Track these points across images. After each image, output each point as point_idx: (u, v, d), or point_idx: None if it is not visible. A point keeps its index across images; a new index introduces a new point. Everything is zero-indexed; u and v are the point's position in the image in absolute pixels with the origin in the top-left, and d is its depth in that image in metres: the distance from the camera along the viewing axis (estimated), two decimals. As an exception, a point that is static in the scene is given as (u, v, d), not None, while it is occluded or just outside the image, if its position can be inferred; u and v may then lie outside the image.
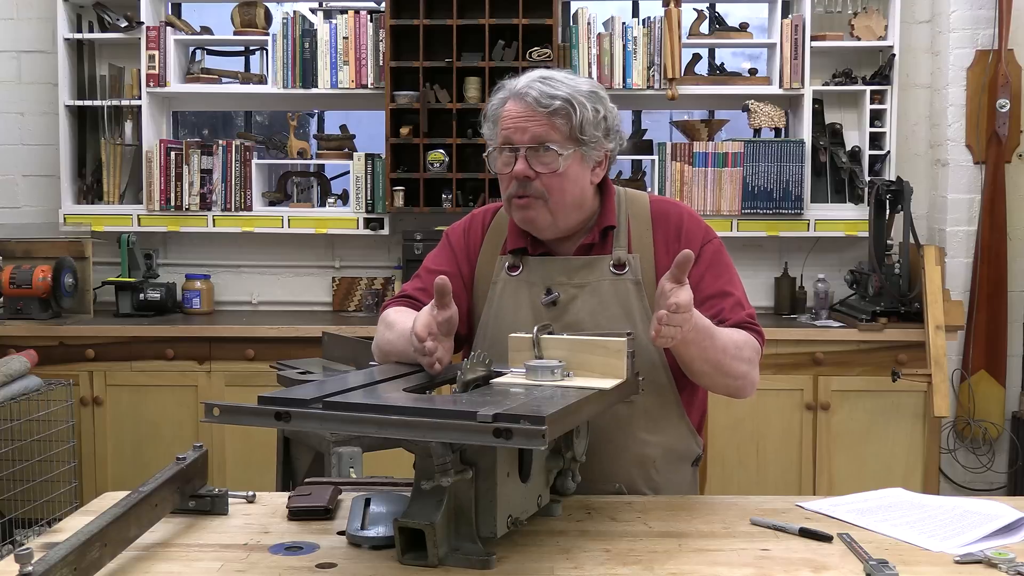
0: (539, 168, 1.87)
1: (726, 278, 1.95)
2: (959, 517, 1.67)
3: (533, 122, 1.86)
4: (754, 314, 1.95)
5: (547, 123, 1.86)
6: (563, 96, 1.86)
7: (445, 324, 1.70)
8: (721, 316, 1.89)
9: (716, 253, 1.97)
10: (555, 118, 1.86)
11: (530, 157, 1.86)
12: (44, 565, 1.23)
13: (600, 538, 1.59)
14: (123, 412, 4.22)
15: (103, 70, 4.67)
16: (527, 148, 1.86)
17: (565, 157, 1.86)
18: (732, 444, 4.07)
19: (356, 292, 4.76)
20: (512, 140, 1.88)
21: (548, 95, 1.86)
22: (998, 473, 4.49)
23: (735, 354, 1.84)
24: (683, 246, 1.92)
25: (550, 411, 1.35)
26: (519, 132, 1.87)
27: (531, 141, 1.86)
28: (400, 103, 4.41)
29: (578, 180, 1.91)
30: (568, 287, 1.94)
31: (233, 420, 1.43)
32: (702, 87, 4.56)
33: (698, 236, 1.96)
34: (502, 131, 1.89)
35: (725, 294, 1.93)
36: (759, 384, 1.94)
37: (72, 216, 4.58)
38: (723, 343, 1.81)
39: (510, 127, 1.88)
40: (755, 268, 4.61)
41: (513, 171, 1.87)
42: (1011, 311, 4.44)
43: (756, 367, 1.90)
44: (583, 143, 1.88)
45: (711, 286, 1.93)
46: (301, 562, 1.48)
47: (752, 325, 1.93)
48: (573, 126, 1.86)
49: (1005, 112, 4.34)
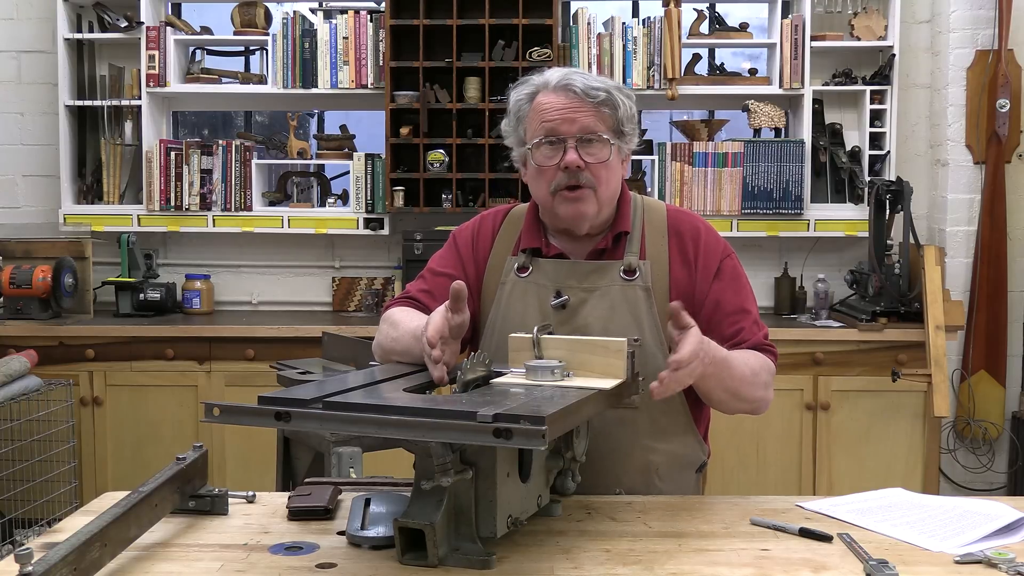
0: (588, 159, 1.86)
1: (744, 294, 1.96)
2: (959, 517, 1.67)
3: (582, 112, 1.86)
4: (768, 333, 1.96)
5: (596, 113, 1.86)
6: (607, 88, 1.87)
7: (457, 328, 1.69)
8: (742, 336, 1.90)
9: (735, 269, 1.97)
10: (603, 108, 1.86)
11: (579, 148, 1.86)
12: (44, 565, 1.23)
13: (600, 538, 1.59)
14: (123, 412, 4.22)
15: (103, 70, 4.68)
16: (577, 139, 1.86)
17: (612, 146, 1.87)
18: (732, 444, 4.07)
19: (356, 292, 4.76)
20: (559, 131, 1.86)
21: (593, 87, 1.86)
22: (998, 473, 4.49)
23: (752, 380, 1.85)
24: (702, 260, 1.93)
25: (550, 411, 1.35)
26: (567, 123, 1.85)
27: (581, 131, 1.85)
28: (400, 103, 4.41)
29: (618, 172, 1.92)
30: (578, 291, 1.93)
31: (233, 420, 1.43)
32: (702, 87, 4.56)
33: (717, 251, 1.96)
34: (544, 123, 1.87)
35: (745, 312, 1.94)
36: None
37: (72, 216, 4.59)
38: (740, 372, 1.81)
39: (555, 118, 1.86)
40: (755, 268, 4.61)
41: (565, 160, 1.85)
42: (1011, 311, 4.44)
43: (771, 389, 1.91)
44: (623, 136, 1.90)
45: (731, 302, 1.93)
46: (301, 562, 1.48)
47: (768, 346, 1.94)
48: (618, 118, 1.88)
49: (1005, 112, 4.34)
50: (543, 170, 1.89)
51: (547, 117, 1.87)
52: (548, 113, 1.87)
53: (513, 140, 1.97)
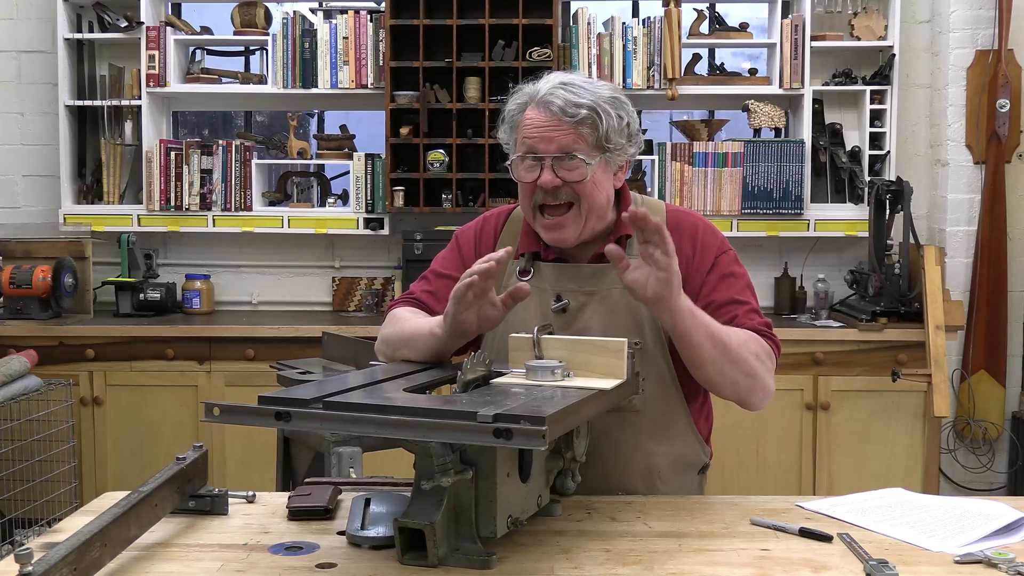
0: (565, 176, 1.84)
1: (739, 287, 1.92)
2: (959, 517, 1.67)
3: (559, 132, 1.83)
4: (770, 323, 1.92)
5: (574, 132, 1.83)
6: (588, 104, 1.83)
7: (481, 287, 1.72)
8: (736, 323, 1.87)
9: (731, 264, 1.94)
10: (582, 127, 1.83)
11: (556, 166, 1.84)
12: (44, 565, 1.23)
13: (600, 538, 1.59)
14: (123, 412, 4.22)
15: (103, 70, 4.68)
16: (553, 158, 1.84)
17: (591, 166, 1.84)
18: (732, 444, 4.07)
19: (356, 292, 4.76)
20: (537, 149, 1.85)
21: (573, 104, 1.82)
22: (998, 473, 4.49)
23: (739, 349, 1.79)
24: (698, 257, 1.91)
25: (550, 411, 1.35)
26: (544, 142, 1.84)
27: (557, 151, 1.83)
28: (400, 103, 4.41)
29: (603, 187, 1.89)
30: (578, 295, 1.92)
31: (233, 420, 1.43)
32: (702, 87, 4.56)
33: (713, 247, 1.94)
34: (525, 139, 1.86)
35: (739, 302, 1.90)
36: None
37: (72, 216, 4.58)
38: (726, 337, 1.78)
39: (534, 136, 1.85)
40: (755, 268, 4.60)
41: (540, 181, 1.84)
42: (1011, 311, 4.44)
43: (769, 372, 1.85)
44: (608, 150, 1.86)
45: (724, 293, 1.90)
46: (301, 562, 1.48)
47: (766, 332, 1.89)
48: (599, 135, 1.84)
49: (1005, 112, 4.34)
50: (524, 185, 1.90)
51: (527, 134, 1.86)
52: (529, 129, 1.86)
53: (510, 147, 1.97)
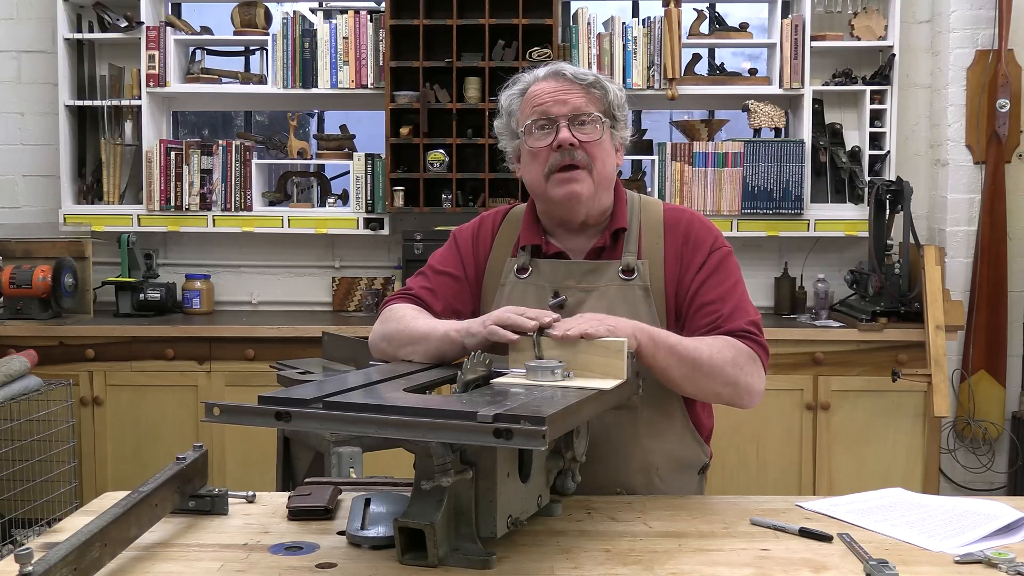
0: (581, 137, 1.89)
1: (727, 285, 1.91)
2: (959, 517, 1.67)
3: (572, 94, 1.90)
4: (757, 321, 1.89)
5: (586, 95, 1.90)
6: (595, 75, 1.93)
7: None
8: (717, 323, 1.86)
9: (722, 260, 1.93)
10: (593, 90, 1.91)
11: (572, 127, 1.89)
12: (44, 565, 1.23)
13: (600, 538, 1.59)
14: (123, 412, 4.22)
15: (103, 70, 4.68)
16: (569, 118, 1.89)
17: (605, 125, 1.91)
18: (732, 444, 4.07)
19: (356, 292, 4.76)
20: (550, 113, 1.89)
21: (581, 73, 1.92)
22: (998, 473, 4.49)
23: (711, 362, 1.77)
24: (691, 252, 1.92)
25: (550, 411, 1.34)
26: (559, 104, 1.89)
27: (572, 111, 1.89)
28: (400, 103, 4.41)
29: (611, 155, 1.95)
30: (576, 291, 1.92)
31: (233, 420, 1.43)
32: (702, 87, 4.56)
33: (706, 243, 1.94)
34: (535, 107, 1.91)
35: (723, 300, 1.88)
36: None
37: (72, 216, 4.58)
38: (689, 346, 1.76)
39: (547, 100, 1.90)
40: (755, 268, 4.61)
41: (558, 139, 1.88)
42: (1011, 311, 4.44)
43: (752, 374, 1.82)
44: (615, 119, 1.93)
45: (709, 293, 1.89)
46: (301, 562, 1.48)
47: (750, 333, 1.86)
48: (608, 101, 1.92)
49: (1005, 112, 4.34)
50: (536, 153, 1.91)
51: (539, 101, 1.91)
52: (541, 97, 1.91)
53: (506, 136, 1.99)
